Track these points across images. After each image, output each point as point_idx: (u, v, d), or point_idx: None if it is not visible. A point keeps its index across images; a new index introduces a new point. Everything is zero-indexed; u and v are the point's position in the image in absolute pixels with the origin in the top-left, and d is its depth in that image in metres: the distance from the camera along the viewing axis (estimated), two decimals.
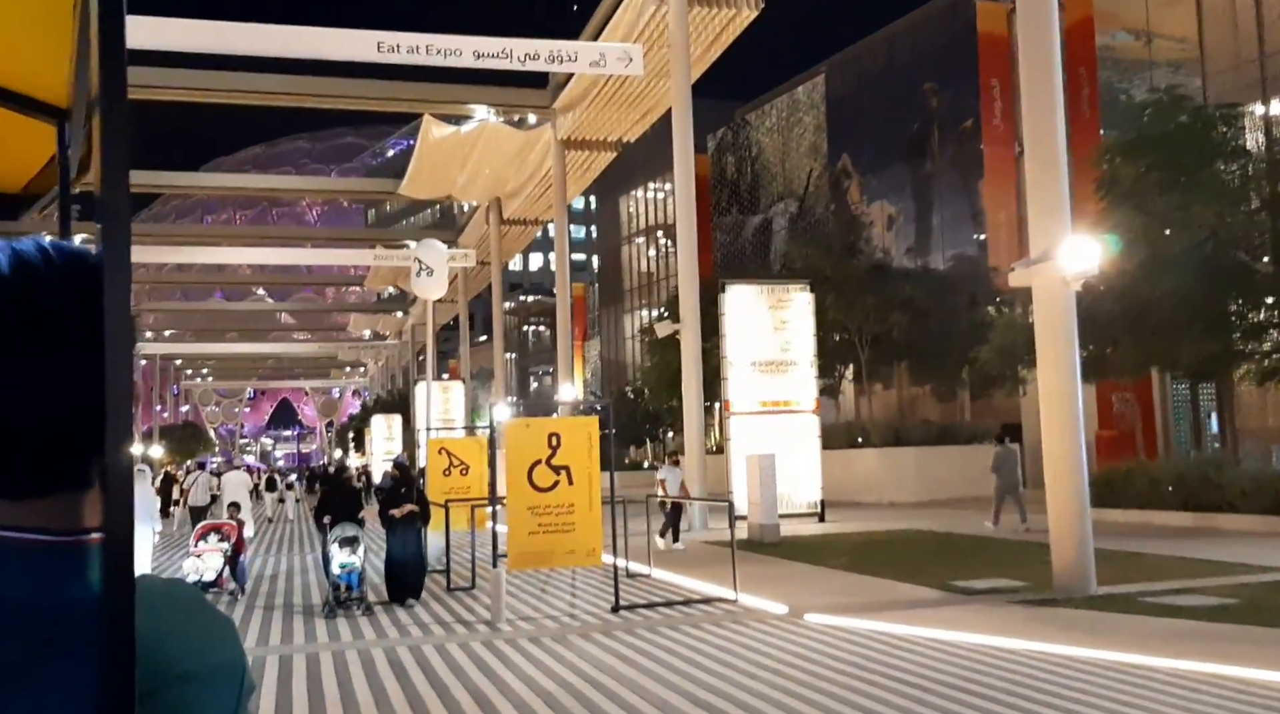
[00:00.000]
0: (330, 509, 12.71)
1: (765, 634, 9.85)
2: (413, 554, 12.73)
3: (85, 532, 0.83)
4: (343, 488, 13.46)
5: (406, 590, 12.55)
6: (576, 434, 11.47)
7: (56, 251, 0.84)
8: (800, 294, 23.05)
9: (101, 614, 0.71)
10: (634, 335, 61.10)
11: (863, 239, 33.01)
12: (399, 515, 12.65)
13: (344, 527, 12.26)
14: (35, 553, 0.81)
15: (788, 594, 11.79)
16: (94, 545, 0.82)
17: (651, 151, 45.61)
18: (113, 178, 0.73)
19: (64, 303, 0.81)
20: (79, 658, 0.76)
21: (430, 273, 18.11)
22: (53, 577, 0.80)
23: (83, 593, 0.80)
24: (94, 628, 0.73)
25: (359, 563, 11.98)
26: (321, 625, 11.29)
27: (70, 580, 0.80)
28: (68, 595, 0.79)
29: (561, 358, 32.00)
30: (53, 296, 0.81)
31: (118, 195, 0.73)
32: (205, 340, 77.64)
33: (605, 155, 34.62)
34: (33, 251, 0.83)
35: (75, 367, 0.80)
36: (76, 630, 0.77)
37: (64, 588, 0.80)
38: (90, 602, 0.77)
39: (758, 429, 22.26)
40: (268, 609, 12.67)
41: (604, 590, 12.96)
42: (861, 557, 15.37)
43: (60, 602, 0.79)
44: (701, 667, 8.54)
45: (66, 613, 0.78)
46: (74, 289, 0.82)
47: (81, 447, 0.81)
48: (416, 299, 66.55)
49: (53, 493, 0.82)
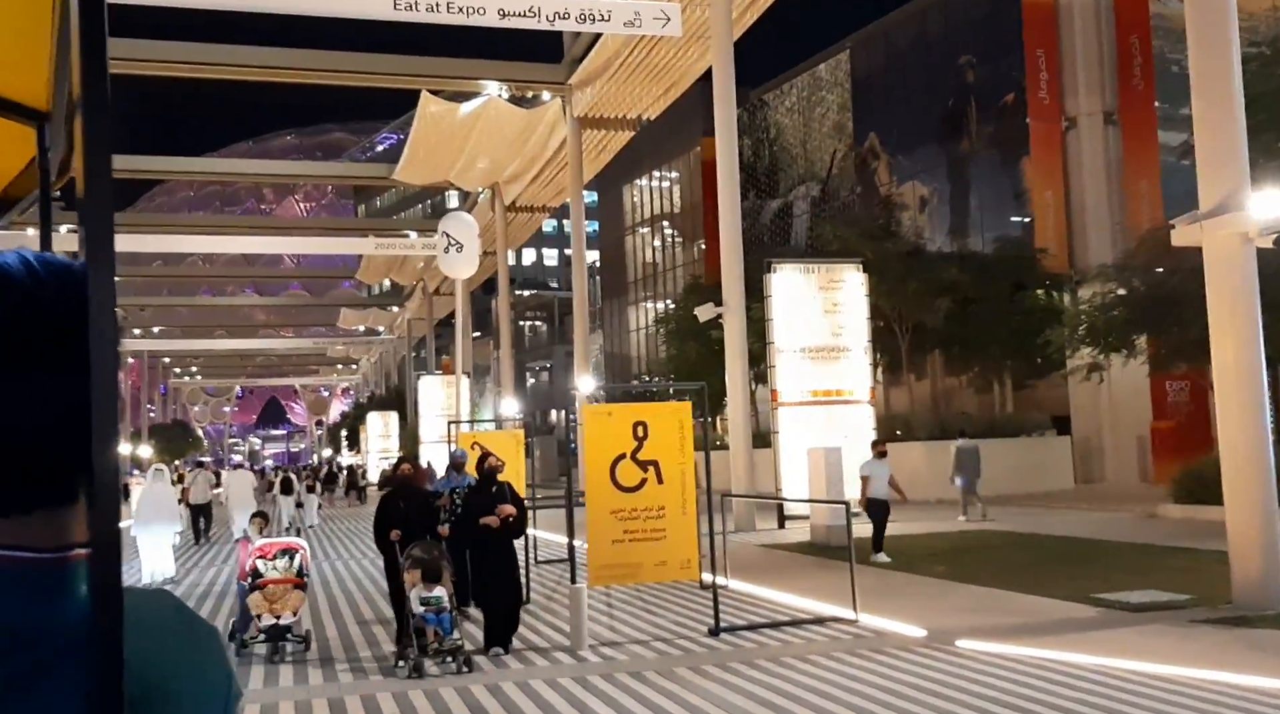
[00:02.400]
0: (395, 520, 9.41)
1: (915, 667, 8.01)
2: (507, 582, 9.30)
3: (69, 548, 0.80)
4: (409, 490, 9.88)
5: (494, 634, 9.12)
6: (666, 422, 9.61)
7: (40, 264, 0.82)
8: (853, 274, 21.24)
9: (89, 632, 0.69)
10: (639, 328, 59.23)
11: (895, 221, 31.15)
12: (494, 524, 9.13)
13: (420, 546, 9.06)
14: (18, 571, 0.78)
15: (914, 613, 9.96)
16: (79, 562, 0.79)
17: (657, 139, 43.74)
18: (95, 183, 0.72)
19: (48, 316, 0.79)
20: (64, 678, 0.74)
21: (459, 248, 16.23)
22: (36, 595, 0.78)
23: (67, 611, 0.77)
24: (79, 647, 0.71)
25: (447, 597, 8.70)
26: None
27: (54, 598, 0.78)
28: (52, 614, 0.77)
29: (578, 347, 30.08)
30: (36, 310, 0.79)
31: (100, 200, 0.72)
32: (193, 337, 75.43)
33: (622, 135, 32.65)
34: (16, 264, 0.81)
35: (59, 381, 0.78)
36: (61, 649, 0.75)
37: (48, 606, 0.77)
38: (75, 619, 0.75)
39: (808, 420, 20.45)
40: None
41: (687, 606, 11.12)
42: (959, 564, 13.57)
43: (44, 620, 0.77)
44: (859, 710, 6.71)
45: (51, 632, 0.76)
46: (58, 303, 0.80)
47: (66, 462, 0.79)
48: (412, 293, 64.54)
49: (36, 509, 0.79)
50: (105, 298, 0.72)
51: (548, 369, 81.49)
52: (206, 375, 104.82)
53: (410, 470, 10.29)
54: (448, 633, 8.49)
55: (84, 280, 0.73)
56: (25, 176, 2.38)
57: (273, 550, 9.78)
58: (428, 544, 9.10)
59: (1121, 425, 27.72)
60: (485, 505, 9.29)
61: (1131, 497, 23.88)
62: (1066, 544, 15.66)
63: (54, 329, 0.80)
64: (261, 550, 9.73)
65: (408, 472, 10.24)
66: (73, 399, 0.77)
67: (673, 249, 55.00)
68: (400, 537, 9.18)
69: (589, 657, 8.90)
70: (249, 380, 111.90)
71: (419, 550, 8.96)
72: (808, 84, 42.21)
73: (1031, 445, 27.59)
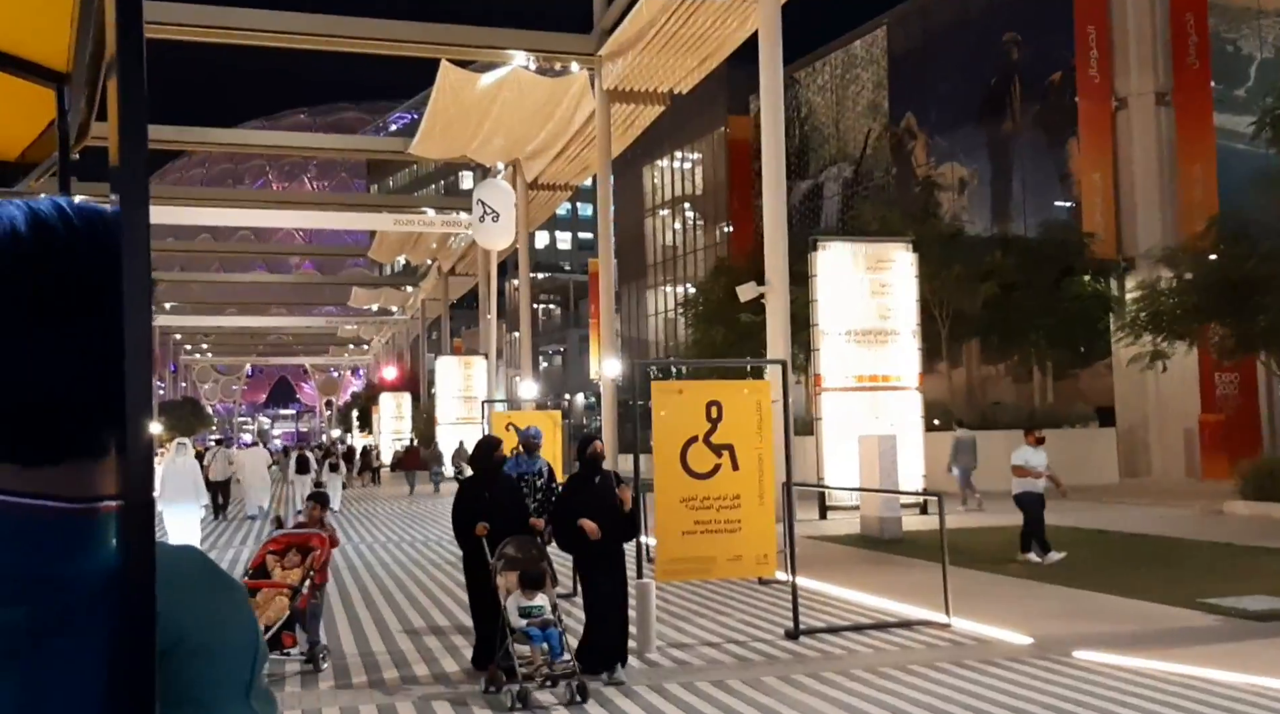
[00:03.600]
0: (479, 511, 7.63)
1: (1035, 681, 7.06)
2: (619, 591, 7.53)
3: (98, 500, 0.79)
4: (495, 475, 8.09)
5: (603, 653, 7.32)
6: (743, 403, 8.66)
7: (75, 212, 0.80)
8: (902, 253, 20.23)
9: (122, 585, 0.70)
10: (657, 312, 58.25)
11: (934, 203, 30.02)
12: (593, 532, 7.30)
13: (515, 543, 7.38)
14: (47, 520, 0.77)
15: (1008, 617, 9.02)
16: (108, 514, 0.78)
17: (679, 119, 42.64)
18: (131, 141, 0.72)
19: (82, 265, 0.78)
20: (90, 629, 0.74)
21: (495, 217, 15.28)
22: (64, 544, 0.77)
23: (96, 562, 0.76)
24: (105, 598, 0.72)
25: (550, 607, 7.09)
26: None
27: (83, 549, 0.77)
28: (80, 564, 0.76)
29: (604, 328, 29.09)
30: (70, 259, 0.78)
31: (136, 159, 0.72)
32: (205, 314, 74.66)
33: (651, 110, 31.54)
34: (50, 212, 0.80)
35: (91, 331, 0.77)
36: (90, 598, 0.75)
37: (76, 556, 0.77)
38: (102, 571, 0.75)
39: (852, 407, 19.48)
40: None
41: (753, 605, 10.18)
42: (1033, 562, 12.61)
43: (72, 570, 0.76)
44: None
45: (79, 580, 0.75)
46: (92, 251, 0.79)
47: (96, 413, 0.78)
48: (427, 273, 63.53)
49: (65, 460, 0.78)
50: (139, 246, 0.70)
51: (561, 353, 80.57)
52: (217, 353, 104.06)
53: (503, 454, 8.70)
54: (557, 654, 6.85)
55: (117, 228, 0.73)
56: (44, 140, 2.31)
57: (286, 543, 8.11)
58: (524, 541, 7.46)
59: (1169, 418, 26.71)
60: (590, 501, 7.50)
61: (1180, 492, 22.92)
62: (1140, 542, 14.70)
63: (87, 277, 0.78)
64: (275, 543, 8.13)
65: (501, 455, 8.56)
66: (104, 350, 0.75)
67: (694, 232, 53.92)
68: (487, 531, 7.49)
69: (660, 660, 7.98)
70: (259, 359, 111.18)
71: (513, 548, 7.30)
72: (842, 61, 40.98)
73: (1074, 437, 26.60)
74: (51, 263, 0.78)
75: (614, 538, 7.48)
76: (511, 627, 6.91)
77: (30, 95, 2.05)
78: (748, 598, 10.56)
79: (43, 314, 0.77)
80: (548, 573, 7.22)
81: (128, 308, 0.71)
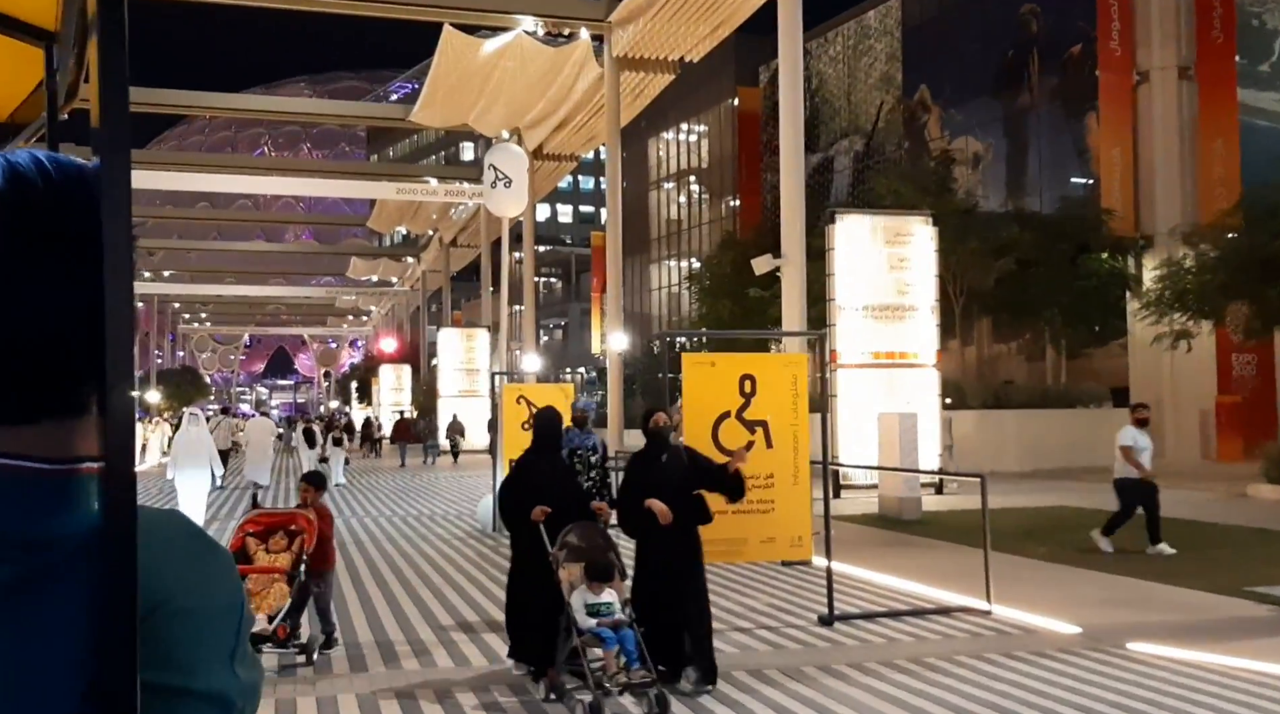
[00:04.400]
0: (533, 491, 6.65)
1: (1092, 674, 6.65)
2: (696, 586, 6.60)
3: (78, 461, 0.77)
4: (552, 451, 7.07)
5: (674, 654, 6.35)
6: (779, 376, 8.20)
7: (53, 165, 0.78)
8: (921, 227, 19.73)
9: (103, 546, 0.69)
10: (661, 287, 57.76)
11: (949, 178, 29.47)
12: (664, 515, 6.34)
13: (578, 530, 6.46)
14: (24, 480, 0.76)
15: (1050, 605, 8.62)
16: (89, 476, 0.77)
17: (685, 91, 41.98)
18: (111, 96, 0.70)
19: (60, 219, 0.76)
20: (70, 590, 0.72)
21: (508, 183, 14.71)
22: (42, 505, 0.75)
23: (76, 524, 0.75)
24: (86, 560, 0.72)
25: (620, 604, 6.18)
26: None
27: (61, 510, 0.75)
28: (58, 525, 0.75)
29: (611, 301, 28.60)
30: (49, 212, 0.76)
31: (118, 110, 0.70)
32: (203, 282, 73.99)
33: (660, 79, 30.89)
34: (28, 164, 0.78)
35: (69, 287, 0.75)
36: (69, 558, 0.73)
37: (54, 518, 0.75)
38: (83, 533, 0.74)
39: (868, 384, 19.04)
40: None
41: (780, 588, 9.78)
42: (1058, 544, 12.22)
43: (50, 531, 0.74)
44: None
45: (57, 541, 0.74)
46: (71, 205, 0.77)
47: (76, 371, 0.76)
48: (428, 244, 62.87)
49: (44, 419, 0.77)
50: (120, 200, 0.69)
51: (562, 327, 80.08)
52: (215, 322, 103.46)
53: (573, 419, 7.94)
54: (634, 659, 5.89)
55: (98, 183, 0.72)
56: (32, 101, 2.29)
57: (267, 524, 7.35)
58: (588, 528, 6.54)
59: (1183, 399, 26.30)
60: (659, 480, 6.55)
61: (1196, 474, 22.55)
62: (1168, 526, 14.24)
63: (65, 232, 0.76)
64: (254, 522, 7.38)
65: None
66: (83, 307, 0.74)
67: (699, 205, 53.33)
68: (545, 516, 6.49)
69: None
70: (258, 328, 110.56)
71: (576, 536, 6.40)
72: (855, 32, 40.26)
73: (1087, 417, 26.20)
74: (28, 216, 0.75)
75: (687, 522, 6.54)
76: (579, 627, 5.98)
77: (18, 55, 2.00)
78: (772, 580, 10.16)
79: (17, 268, 0.74)
80: (616, 565, 6.33)
81: (108, 265, 0.68)
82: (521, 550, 6.90)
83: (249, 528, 7.32)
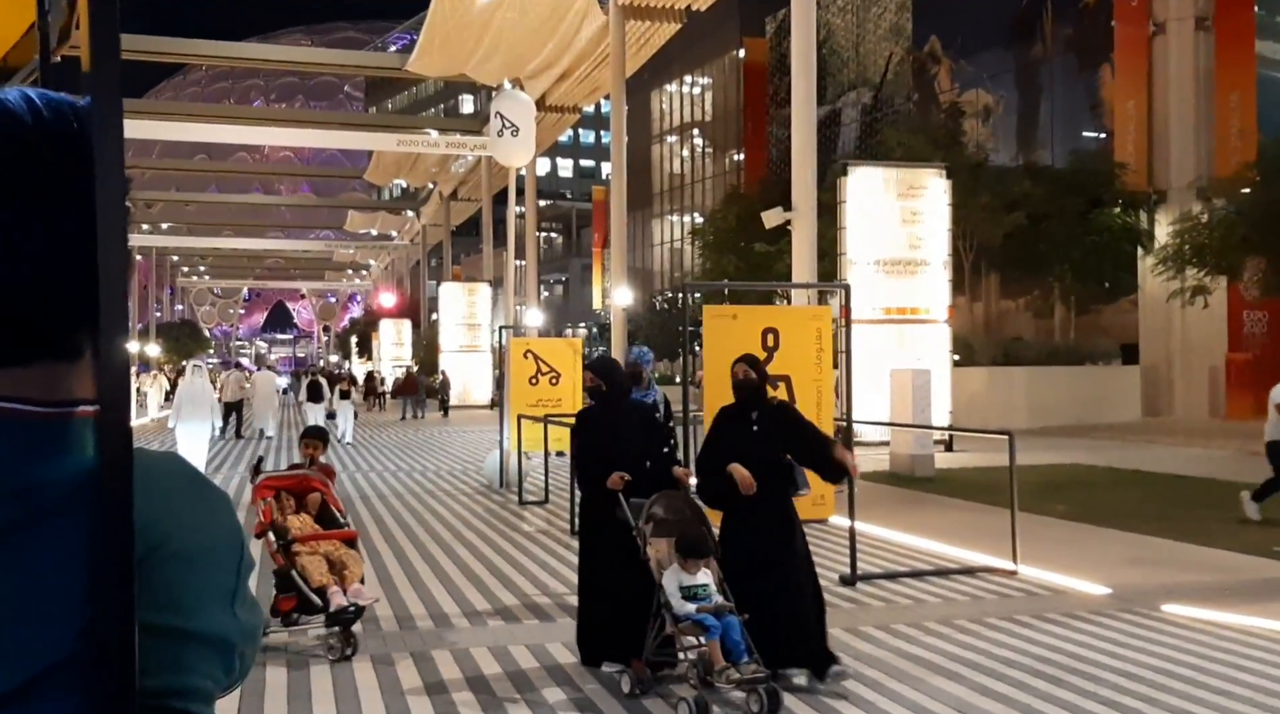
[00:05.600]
0: (606, 453, 5.78)
1: (1130, 638, 6.44)
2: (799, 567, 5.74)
3: (73, 404, 0.77)
4: (624, 404, 6.11)
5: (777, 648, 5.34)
6: (802, 330, 7.96)
7: (44, 102, 0.77)
8: (935, 180, 19.37)
9: (98, 490, 0.69)
10: (663, 242, 57.31)
11: (960, 131, 29.01)
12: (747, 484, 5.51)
13: (664, 500, 5.54)
14: (17, 423, 0.75)
15: (1076, 564, 8.42)
16: (84, 419, 0.76)
17: (688, 42, 41.26)
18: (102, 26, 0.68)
19: (50, 157, 0.75)
20: (66, 533, 0.72)
21: (515, 132, 14.38)
22: (36, 448, 0.75)
23: (70, 467, 0.74)
24: (82, 503, 0.71)
25: (715, 585, 5.30)
26: None
27: (56, 453, 0.75)
28: (53, 468, 0.75)
29: (615, 255, 28.23)
30: (37, 150, 0.75)
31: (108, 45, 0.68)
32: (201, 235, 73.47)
33: (666, 28, 30.27)
34: (18, 101, 0.76)
35: (61, 226, 0.74)
36: (64, 500, 0.73)
37: (49, 461, 0.75)
38: (80, 475, 0.73)
39: (878, 340, 18.76)
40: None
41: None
42: (1075, 503, 12.01)
43: (45, 474, 0.74)
44: (1104, 700, 5.16)
45: (52, 484, 0.74)
46: (61, 143, 0.75)
47: (67, 314, 0.75)
48: (428, 198, 62.24)
49: (36, 362, 0.76)
50: (111, 137, 0.67)
51: (562, 283, 79.59)
52: (214, 276, 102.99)
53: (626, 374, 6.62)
54: (741, 651, 5.04)
55: (89, 121, 0.71)
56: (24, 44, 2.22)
57: (276, 488, 6.52)
58: (674, 497, 5.63)
59: (1194, 356, 26.07)
60: (745, 443, 5.69)
61: (1205, 431, 22.39)
62: (1185, 484, 14.14)
63: (55, 170, 0.74)
64: (271, 483, 6.54)
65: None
66: (75, 247, 0.72)
67: (703, 159, 52.72)
68: (624, 483, 5.59)
69: None
70: (257, 282, 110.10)
71: (663, 508, 5.49)
72: None
73: (1095, 374, 26.03)
74: (16, 153, 0.73)
75: (777, 495, 5.70)
76: (675, 613, 5.10)
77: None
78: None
79: (7, 207, 0.73)
80: (711, 540, 5.46)
81: (100, 204, 0.67)
82: (592, 521, 6.03)
83: (264, 495, 6.45)
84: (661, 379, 46.30)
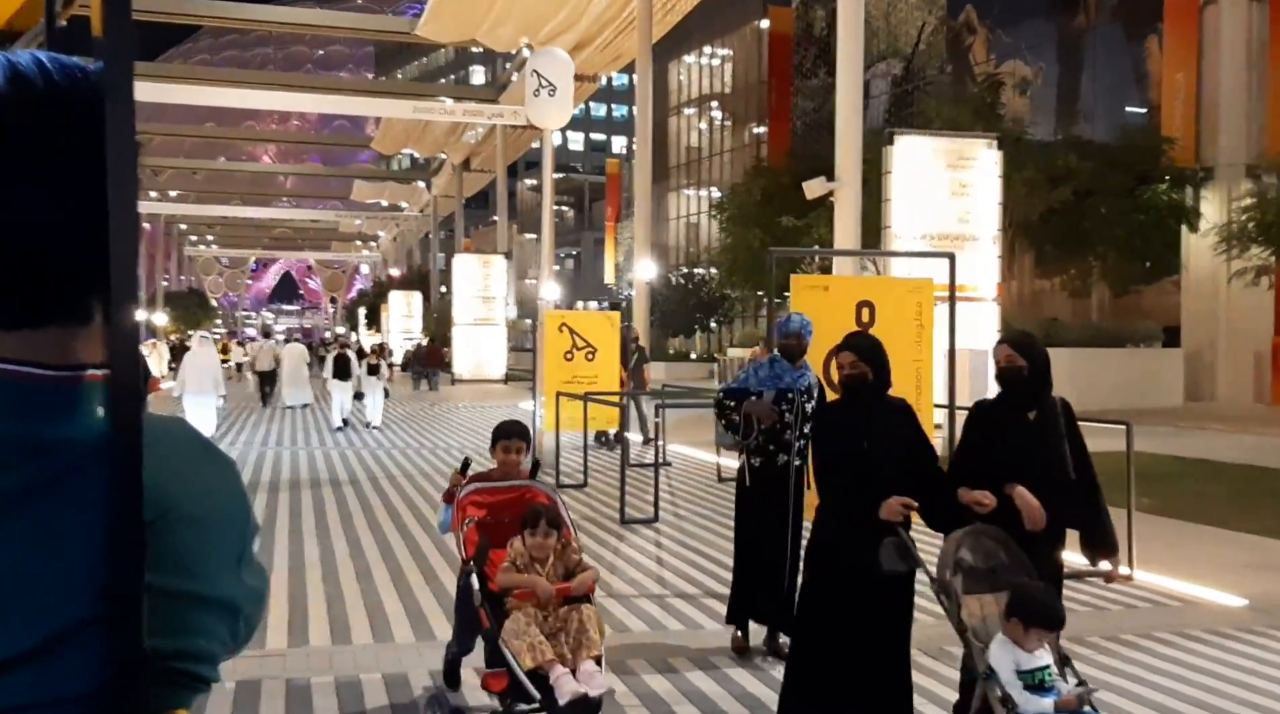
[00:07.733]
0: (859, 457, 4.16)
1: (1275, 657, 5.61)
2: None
3: (83, 367, 0.77)
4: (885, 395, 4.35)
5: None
6: (902, 304, 7.17)
7: (55, 66, 0.77)
8: (985, 152, 18.36)
9: (109, 453, 0.69)
10: (680, 216, 56.33)
11: (998, 103, 27.98)
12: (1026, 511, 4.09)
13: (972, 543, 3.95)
14: (29, 385, 0.75)
15: (1193, 569, 7.59)
16: (93, 383, 0.77)
17: (708, 13, 40.16)
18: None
19: (61, 120, 0.75)
20: (77, 495, 0.73)
21: (552, 91, 13.50)
22: (47, 411, 0.75)
23: (81, 430, 0.75)
24: (92, 465, 0.72)
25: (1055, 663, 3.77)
26: None
27: (67, 416, 0.76)
28: (64, 430, 0.75)
29: (639, 229, 27.32)
30: (51, 113, 0.75)
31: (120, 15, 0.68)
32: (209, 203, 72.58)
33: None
34: (30, 64, 0.76)
35: (72, 189, 0.74)
36: (75, 463, 0.74)
37: (60, 423, 0.75)
38: (90, 438, 0.74)
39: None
40: None
41: None
42: (1158, 496, 11.16)
43: (56, 436, 0.75)
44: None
45: (62, 449, 0.74)
46: (72, 105, 0.75)
47: (80, 276, 0.75)
48: (440, 169, 61.21)
49: (48, 325, 0.76)
50: (123, 100, 0.67)
51: (574, 257, 78.61)
52: (222, 245, 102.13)
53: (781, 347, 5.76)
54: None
55: (100, 85, 0.71)
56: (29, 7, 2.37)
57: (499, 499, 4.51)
58: (986, 534, 4.03)
59: (1239, 340, 25.17)
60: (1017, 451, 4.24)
61: (1251, 417, 21.58)
62: (1263, 475, 13.30)
63: (66, 133, 0.74)
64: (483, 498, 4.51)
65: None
66: (86, 210, 0.72)
67: (722, 132, 51.63)
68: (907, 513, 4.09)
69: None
70: (264, 252, 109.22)
71: (970, 550, 3.97)
72: None
73: (1137, 357, 25.12)
74: (29, 116, 0.73)
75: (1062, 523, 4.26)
76: (1019, 709, 3.51)
77: None
78: None
79: (19, 169, 0.72)
80: (1060, 602, 3.95)
81: (111, 168, 0.66)
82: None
83: (471, 511, 4.43)
84: (678, 356, 45.41)
